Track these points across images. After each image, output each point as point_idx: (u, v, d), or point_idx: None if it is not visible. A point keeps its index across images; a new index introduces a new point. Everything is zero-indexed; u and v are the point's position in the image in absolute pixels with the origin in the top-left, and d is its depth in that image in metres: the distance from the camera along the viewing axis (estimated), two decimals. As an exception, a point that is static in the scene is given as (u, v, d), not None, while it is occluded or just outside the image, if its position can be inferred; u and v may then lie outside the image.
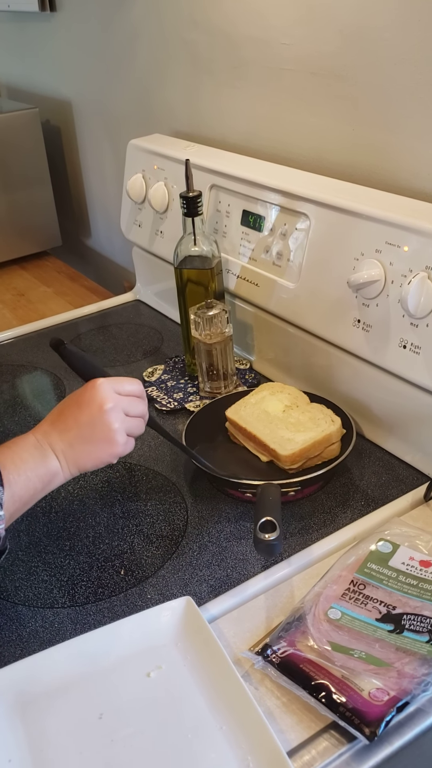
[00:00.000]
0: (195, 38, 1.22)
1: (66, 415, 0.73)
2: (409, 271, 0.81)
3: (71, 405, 0.74)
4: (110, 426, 0.72)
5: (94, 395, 0.73)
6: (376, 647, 0.63)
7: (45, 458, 0.70)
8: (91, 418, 0.72)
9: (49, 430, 0.72)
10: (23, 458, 0.69)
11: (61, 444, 0.72)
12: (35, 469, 0.69)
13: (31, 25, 1.77)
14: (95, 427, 0.72)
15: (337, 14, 0.94)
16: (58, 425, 0.73)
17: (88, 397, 0.73)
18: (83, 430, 0.72)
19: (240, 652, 0.66)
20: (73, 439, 0.72)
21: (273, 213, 1.01)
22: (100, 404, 0.72)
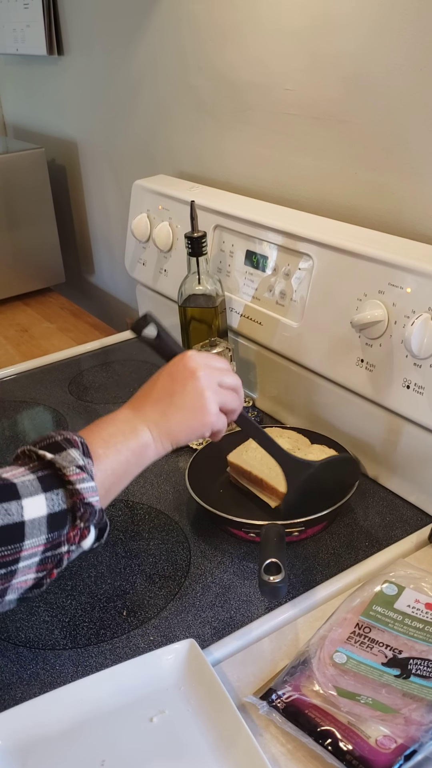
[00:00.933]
0: (199, 83, 1.25)
1: (157, 387, 0.71)
2: (411, 312, 0.82)
3: (162, 377, 0.72)
4: (202, 392, 0.70)
5: (186, 363, 0.72)
6: (383, 693, 0.62)
7: (135, 431, 0.68)
8: (184, 385, 0.70)
9: (140, 403, 0.70)
10: (111, 432, 0.66)
11: (154, 414, 0.69)
12: (125, 442, 0.66)
13: (38, 68, 1.81)
14: (187, 393, 0.70)
15: (340, 62, 0.96)
16: (149, 397, 0.71)
17: (180, 366, 0.72)
18: (175, 398, 0.70)
19: (244, 697, 0.65)
20: (165, 408, 0.69)
21: (276, 253, 1.03)
22: (192, 370, 0.71)
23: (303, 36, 1.01)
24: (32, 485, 0.58)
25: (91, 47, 1.55)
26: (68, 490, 0.59)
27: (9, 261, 1.73)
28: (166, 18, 1.28)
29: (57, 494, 0.58)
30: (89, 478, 0.60)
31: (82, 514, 0.59)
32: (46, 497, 0.58)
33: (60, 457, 0.60)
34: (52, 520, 0.58)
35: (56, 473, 0.59)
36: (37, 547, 0.57)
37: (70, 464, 0.59)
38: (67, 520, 0.59)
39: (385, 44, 0.89)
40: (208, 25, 1.18)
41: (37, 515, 0.57)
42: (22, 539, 0.56)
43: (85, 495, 0.59)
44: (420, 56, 0.85)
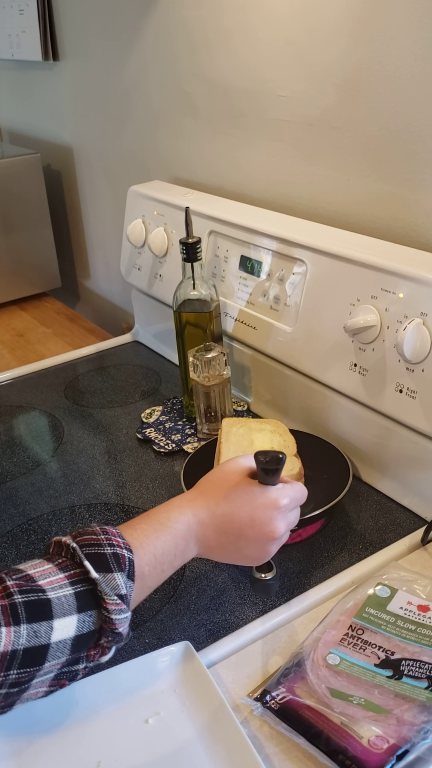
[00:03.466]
0: (193, 89, 1.26)
1: (233, 517, 0.67)
2: (404, 317, 0.83)
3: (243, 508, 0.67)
4: (267, 553, 0.69)
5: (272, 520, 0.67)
6: (375, 693, 0.63)
7: (186, 550, 0.66)
8: (257, 540, 0.67)
9: (208, 520, 0.67)
10: (165, 548, 0.63)
11: (213, 541, 0.67)
12: (172, 561, 0.64)
13: (33, 74, 1.82)
14: (253, 546, 0.68)
15: (333, 69, 0.97)
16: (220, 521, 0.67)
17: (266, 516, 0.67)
18: (241, 542, 0.67)
19: (239, 698, 0.65)
20: (227, 543, 0.67)
21: (270, 258, 1.03)
22: (272, 534, 0.67)
23: (296, 43, 1.02)
24: (68, 602, 0.55)
25: (86, 53, 1.56)
26: (102, 615, 0.57)
27: (5, 266, 1.73)
28: (160, 25, 1.29)
29: (90, 616, 0.56)
30: (126, 608, 0.58)
31: (109, 640, 0.58)
32: (78, 618, 0.56)
33: (104, 580, 0.57)
34: (78, 642, 0.56)
35: (94, 593, 0.57)
36: (55, 665, 0.56)
37: (113, 591, 0.57)
38: (92, 641, 0.57)
39: (378, 52, 0.90)
40: (202, 32, 1.19)
41: (65, 637, 0.55)
42: (43, 662, 0.55)
43: (117, 625, 0.57)
44: (412, 63, 0.86)
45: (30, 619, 0.53)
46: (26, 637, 0.53)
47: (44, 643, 0.54)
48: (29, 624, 0.53)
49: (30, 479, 1.02)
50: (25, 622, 0.53)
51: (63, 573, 0.57)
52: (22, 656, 0.53)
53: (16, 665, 0.53)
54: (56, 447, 1.10)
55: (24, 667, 0.54)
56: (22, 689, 0.55)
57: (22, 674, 0.54)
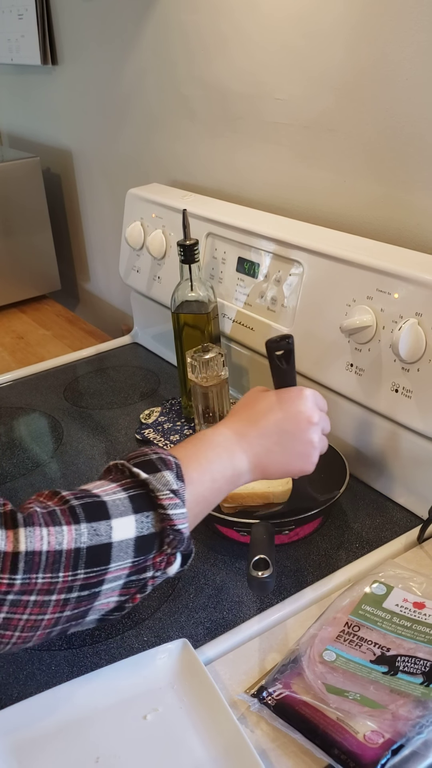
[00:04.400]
0: (191, 93, 1.27)
1: (268, 418, 0.69)
2: (399, 317, 0.84)
3: (273, 408, 0.70)
4: (312, 443, 0.70)
5: (302, 406, 0.70)
6: (371, 689, 0.63)
7: (233, 459, 0.66)
8: (297, 430, 0.69)
9: (246, 430, 0.68)
10: (209, 458, 0.64)
11: (258, 447, 0.67)
12: (222, 471, 0.64)
13: (33, 78, 1.83)
14: (297, 439, 0.69)
15: (329, 73, 0.98)
16: (257, 426, 0.68)
17: (298, 406, 0.70)
18: (284, 438, 0.69)
19: (236, 695, 0.66)
20: (272, 445, 0.68)
21: (267, 260, 1.04)
22: (308, 418, 0.70)
23: (293, 47, 1.03)
24: (123, 504, 0.57)
25: (85, 57, 1.57)
26: (159, 514, 0.57)
27: (5, 268, 1.74)
28: (157, 29, 1.30)
29: (147, 517, 0.57)
30: (181, 503, 0.58)
31: (170, 541, 0.58)
32: (136, 519, 0.57)
33: (154, 479, 0.58)
34: (140, 544, 0.57)
35: (148, 494, 0.58)
36: (123, 570, 0.56)
37: (164, 487, 0.58)
38: (154, 544, 0.58)
39: (374, 55, 0.91)
40: (199, 35, 1.20)
41: (126, 537, 0.56)
42: (108, 562, 0.55)
43: (175, 521, 0.58)
44: (408, 67, 0.87)
45: (89, 519, 0.55)
46: (87, 535, 0.54)
47: (106, 542, 0.55)
48: (89, 523, 0.55)
49: (30, 480, 1.03)
50: (85, 521, 0.55)
51: (115, 483, 0.59)
52: (86, 555, 0.54)
53: (82, 564, 0.54)
54: (56, 448, 1.10)
55: (91, 566, 0.54)
56: (93, 593, 0.55)
57: (90, 575, 0.55)
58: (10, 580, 0.52)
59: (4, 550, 0.52)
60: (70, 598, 0.54)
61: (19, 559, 0.52)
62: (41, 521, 0.54)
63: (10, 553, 0.52)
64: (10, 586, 0.52)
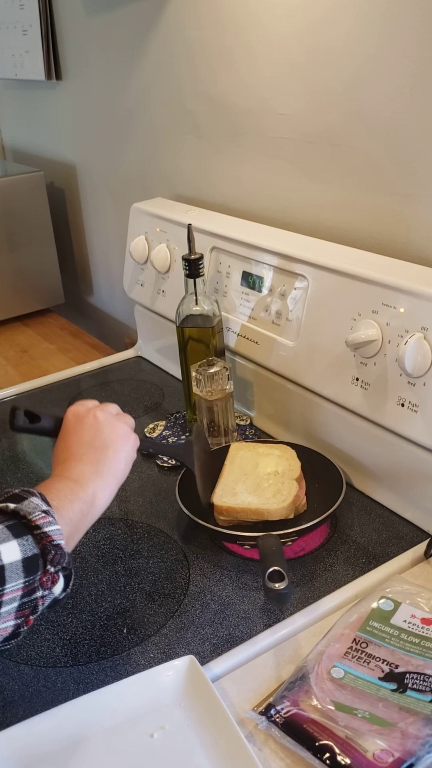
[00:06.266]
0: (195, 108, 1.28)
1: (69, 447, 0.73)
2: (405, 331, 0.83)
3: (67, 439, 0.74)
4: (111, 423, 0.74)
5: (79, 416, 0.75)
6: (380, 707, 0.63)
7: (80, 485, 0.68)
8: (94, 430, 0.73)
9: (67, 470, 0.70)
10: (58, 488, 0.67)
11: (90, 467, 0.70)
12: (74, 493, 0.67)
13: (37, 93, 1.85)
14: (101, 432, 0.73)
15: (333, 88, 0.99)
16: (70, 457, 0.71)
17: (74, 419, 0.75)
18: (96, 443, 0.73)
19: (243, 712, 0.66)
20: (93, 456, 0.71)
21: (272, 274, 1.04)
22: (92, 415, 0.75)
23: (296, 62, 1.03)
24: (3, 533, 0.58)
25: (89, 72, 1.58)
26: (36, 536, 0.60)
27: (9, 282, 1.75)
28: (162, 44, 1.31)
29: (27, 540, 0.59)
30: (54, 521, 0.61)
31: (52, 558, 0.60)
32: (18, 543, 0.59)
33: (23, 506, 0.60)
34: (27, 564, 0.58)
35: (21, 521, 0.60)
36: (16, 591, 0.58)
37: (35, 510, 0.60)
38: (39, 564, 0.59)
39: (377, 71, 0.92)
40: (203, 51, 1.21)
41: (14, 559, 0.58)
42: (3, 583, 0.57)
43: (53, 537, 0.60)
44: (411, 83, 0.88)
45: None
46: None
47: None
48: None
49: (34, 494, 1.02)
50: None
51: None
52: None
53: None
54: (60, 462, 1.10)
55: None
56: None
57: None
58: None
59: None
60: None
61: None
62: None
63: None
64: None
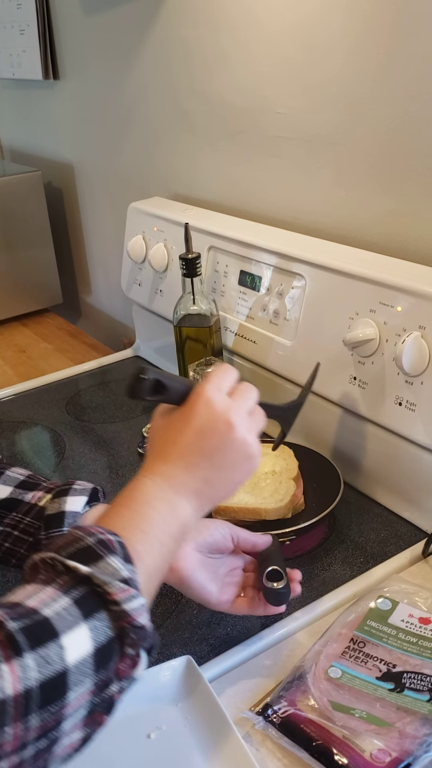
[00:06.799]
0: (193, 107, 1.27)
1: (188, 446, 0.58)
2: (402, 330, 0.83)
3: (186, 432, 0.59)
4: (245, 441, 0.59)
5: (211, 413, 0.59)
6: (377, 706, 0.63)
7: (174, 510, 0.56)
8: (222, 442, 0.58)
9: (171, 470, 0.57)
10: (149, 519, 0.54)
11: (193, 482, 0.57)
12: (166, 529, 0.54)
13: (34, 92, 1.84)
14: (227, 449, 0.59)
15: (330, 87, 0.98)
16: (180, 460, 0.58)
17: (204, 417, 0.59)
18: (215, 459, 0.58)
19: (241, 712, 0.65)
20: (206, 472, 0.58)
21: (269, 273, 1.04)
22: (226, 422, 0.59)
23: (293, 61, 1.03)
24: (69, 613, 0.45)
25: (86, 72, 1.58)
26: (113, 612, 0.46)
27: (7, 282, 1.74)
28: (158, 44, 1.30)
29: (100, 620, 0.46)
30: (137, 593, 0.47)
31: (133, 641, 0.47)
32: (89, 627, 0.45)
33: (98, 570, 0.47)
34: (99, 657, 0.45)
35: (95, 590, 0.47)
36: (84, 696, 0.44)
37: (112, 578, 0.47)
38: (114, 651, 0.46)
39: (374, 69, 0.91)
40: (200, 50, 1.21)
41: (82, 655, 0.44)
42: (65, 693, 0.43)
43: (134, 617, 0.47)
44: (408, 81, 0.88)
45: (34, 645, 0.43)
46: (36, 668, 0.42)
47: (61, 669, 0.43)
48: (34, 650, 0.43)
49: (32, 494, 1.02)
50: (29, 649, 0.42)
51: (50, 586, 0.47)
52: (38, 694, 0.42)
53: (35, 707, 0.42)
54: (58, 462, 1.10)
55: (45, 707, 0.42)
56: (52, 740, 0.43)
57: (47, 718, 0.42)
58: None
59: None
60: (24, 759, 0.42)
61: None
62: None
63: None
64: None
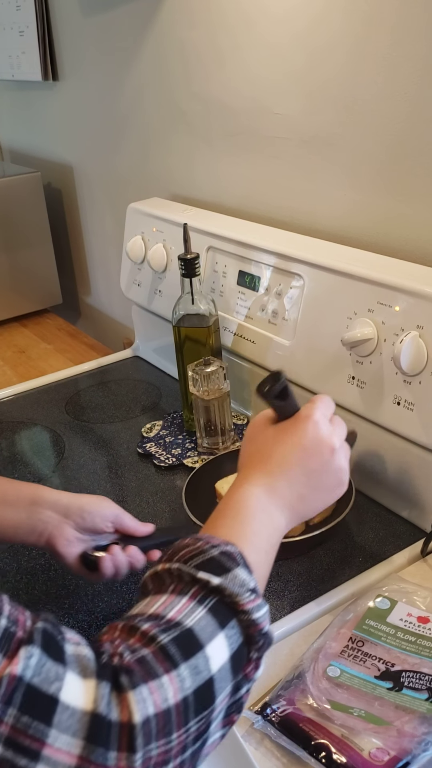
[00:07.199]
0: (192, 108, 1.28)
1: (289, 461, 0.63)
2: (400, 329, 0.83)
3: (292, 449, 0.64)
4: (342, 468, 0.65)
5: (318, 434, 0.64)
6: (376, 705, 0.63)
7: (273, 521, 0.60)
8: (322, 464, 0.64)
9: (273, 482, 0.62)
10: (256, 530, 0.58)
11: (290, 497, 0.62)
12: (269, 539, 0.59)
13: (34, 93, 1.85)
14: (325, 471, 0.64)
15: (327, 87, 0.99)
16: (283, 475, 0.63)
17: (311, 437, 0.64)
18: (312, 478, 0.64)
19: (239, 712, 0.66)
20: (302, 489, 0.63)
21: (268, 273, 1.04)
22: (330, 446, 0.64)
23: (291, 61, 1.03)
24: (208, 624, 0.48)
25: (85, 73, 1.58)
26: (242, 621, 0.50)
27: (6, 283, 1.75)
28: (157, 45, 1.31)
29: (233, 628, 0.49)
30: (263, 602, 0.51)
31: (259, 646, 0.50)
32: (225, 635, 0.48)
33: (228, 581, 0.50)
34: (234, 662, 0.49)
35: (223, 600, 0.50)
36: (225, 699, 0.48)
37: (242, 589, 0.50)
38: (243, 655, 0.50)
39: (372, 69, 0.92)
40: (198, 51, 1.21)
41: (222, 662, 0.48)
42: (214, 698, 0.47)
43: (261, 624, 0.50)
44: (406, 81, 0.88)
45: (185, 656, 0.46)
46: (190, 678, 0.46)
47: (208, 677, 0.47)
48: (187, 662, 0.46)
49: (31, 495, 1.02)
50: (182, 660, 0.46)
51: (183, 597, 0.50)
52: (193, 701, 0.46)
53: (192, 714, 0.46)
54: (57, 462, 1.10)
55: (199, 713, 0.46)
56: (203, 742, 0.47)
57: (201, 723, 0.46)
58: (128, 762, 0.42)
59: (119, 722, 0.43)
60: (185, 760, 0.45)
61: (136, 734, 0.43)
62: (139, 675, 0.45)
63: (126, 727, 0.43)
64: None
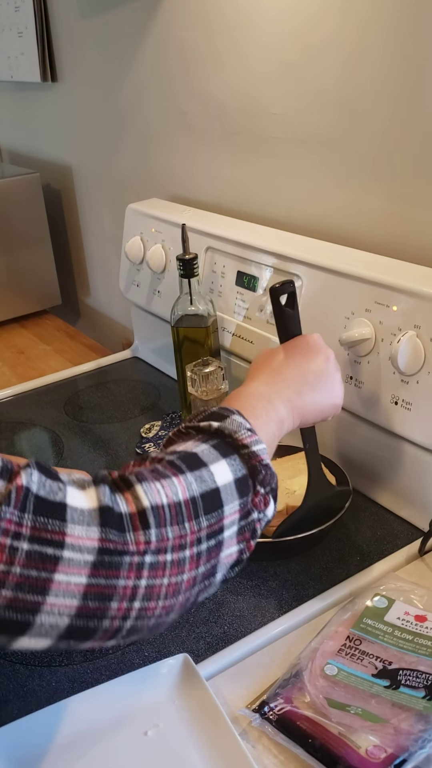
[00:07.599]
0: (189, 108, 1.28)
1: (288, 365, 0.72)
2: (398, 329, 0.84)
3: (292, 354, 0.74)
4: (336, 377, 0.75)
5: (318, 345, 0.75)
6: (373, 703, 0.63)
7: (273, 405, 0.67)
8: (318, 367, 0.73)
9: (272, 380, 0.70)
10: (254, 406, 0.65)
11: (287, 391, 0.69)
12: (269, 414, 0.65)
13: (33, 95, 1.85)
14: (321, 376, 0.73)
15: (324, 87, 0.99)
16: (281, 374, 0.71)
17: (313, 346, 0.75)
18: (308, 378, 0.72)
19: (237, 710, 0.66)
20: (299, 386, 0.71)
21: (266, 274, 1.05)
22: (327, 355, 0.75)
23: (289, 62, 1.04)
24: (210, 453, 0.56)
25: (84, 74, 1.58)
26: (243, 455, 0.57)
27: (5, 284, 1.75)
28: (156, 45, 1.31)
29: (234, 459, 0.56)
30: (260, 440, 0.58)
31: (262, 478, 0.57)
32: (227, 462, 0.56)
33: (226, 424, 0.58)
34: (239, 485, 0.56)
35: (225, 441, 0.57)
36: (235, 513, 0.55)
37: (240, 428, 0.58)
38: (249, 485, 0.56)
39: (369, 70, 0.92)
40: (196, 52, 1.21)
41: (227, 480, 0.55)
42: (222, 506, 0.54)
43: (261, 456, 0.57)
44: (403, 81, 0.88)
45: (190, 468, 0.54)
46: (195, 483, 0.54)
47: (213, 487, 0.54)
48: (192, 472, 0.54)
49: (30, 495, 1.02)
50: (188, 470, 0.54)
51: (188, 441, 0.58)
52: (202, 502, 0.53)
53: (201, 512, 0.53)
54: (56, 462, 1.10)
55: (209, 512, 0.53)
56: (218, 542, 0.54)
57: (212, 521, 0.54)
58: (145, 537, 0.50)
59: (128, 512, 0.50)
60: (201, 552, 0.53)
61: (147, 514, 0.51)
62: (150, 477, 0.53)
63: (136, 513, 0.50)
64: (147, 543, 0.50)
